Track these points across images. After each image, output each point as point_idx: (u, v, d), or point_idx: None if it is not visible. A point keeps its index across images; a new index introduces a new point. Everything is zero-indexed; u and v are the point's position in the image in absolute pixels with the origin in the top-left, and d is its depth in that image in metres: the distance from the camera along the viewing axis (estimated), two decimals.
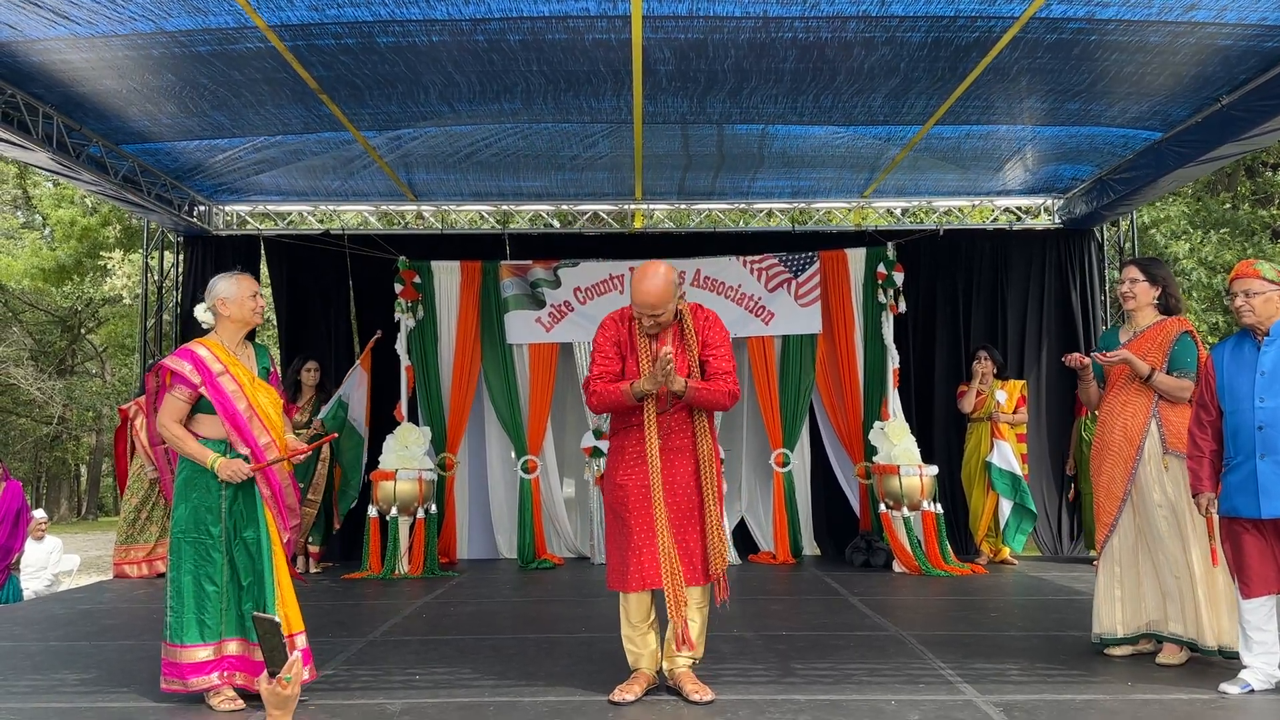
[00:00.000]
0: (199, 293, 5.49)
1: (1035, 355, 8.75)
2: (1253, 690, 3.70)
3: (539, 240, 9.01)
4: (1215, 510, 3.87)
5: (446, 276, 8.46)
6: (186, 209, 8.40)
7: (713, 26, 5.31)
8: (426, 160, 7.70)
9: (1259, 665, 3.74)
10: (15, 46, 5.48)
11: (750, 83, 6.09)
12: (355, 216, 9.83)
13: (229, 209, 8.95)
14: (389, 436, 7.73)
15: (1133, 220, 8.93)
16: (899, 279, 8.19)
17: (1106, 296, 8.84)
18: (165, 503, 7.00)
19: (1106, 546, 4.40)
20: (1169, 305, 4.43)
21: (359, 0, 4.99)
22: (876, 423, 7.83)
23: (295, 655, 2.81)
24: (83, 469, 27.81)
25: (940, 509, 7.43)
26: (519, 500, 8.19)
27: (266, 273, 9.20)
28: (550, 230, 9.38)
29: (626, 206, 9.01)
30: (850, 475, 8.42)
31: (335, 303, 8.97)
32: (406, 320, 8.24)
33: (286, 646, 2.87)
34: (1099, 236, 8.93)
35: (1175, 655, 4.20)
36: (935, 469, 7.51)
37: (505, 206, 9.23)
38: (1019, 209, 9.02)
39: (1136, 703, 3.63)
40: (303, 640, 3.80)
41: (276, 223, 9.16)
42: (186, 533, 3.79)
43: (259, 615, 2.90)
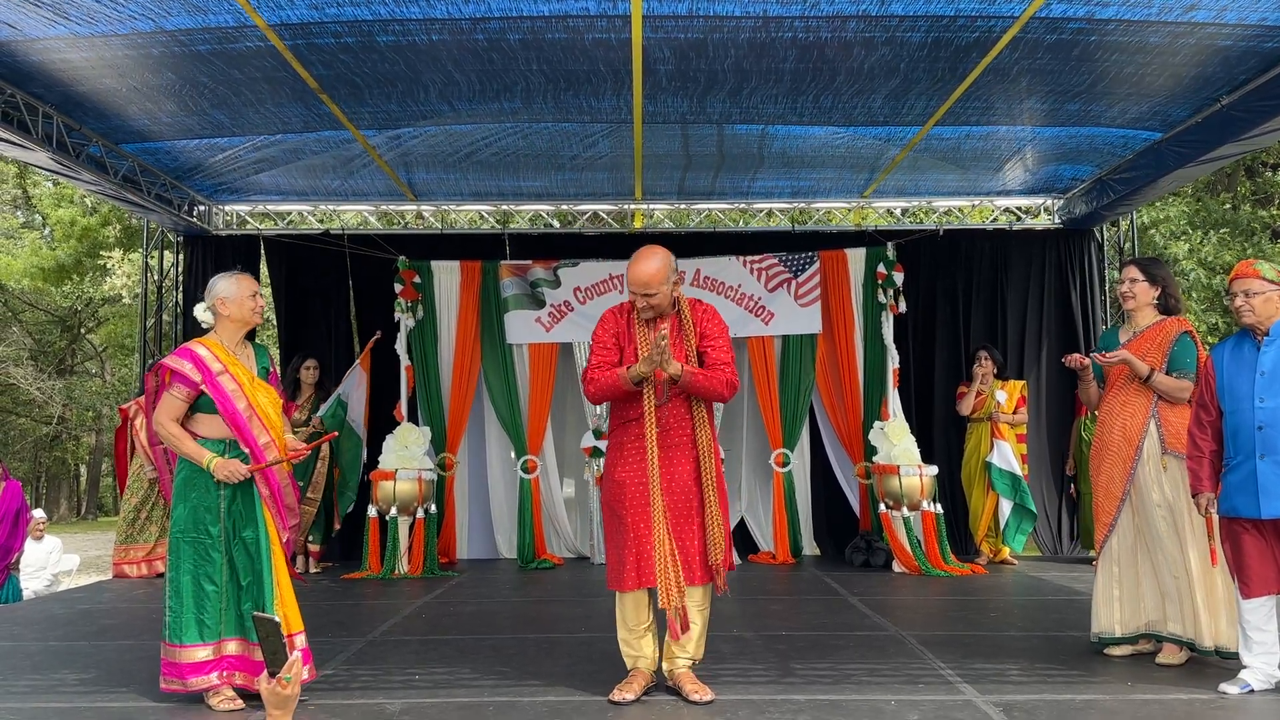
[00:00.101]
0: (199, 292, 5.49)
1: (1035, 355, 8.75)
2: (1252, 690, 3.70)
3: (539, 240, 9.00)
4: (1215, 510, 3.87)
5: (446, 276, 8.46)
6: (186, 209, 8.40)
7: (712, 26, 5.31)
8: (426, 160, 7.70)
9: (1259, 665, 3.74)
10: (15, 46, 5.47)
11: (750, 83, 6.09)
12: (355, 216, 9.83)
13: (229, 209, 8.95)
14: (389, 436, 7.73)
15: (1132, 220, 8.93)
16: (899, 279, 8.19)
17: (1106, 296, 8.84)
18: (165, 503, 7.00)
19: (1105, 546, 4.40)
20: (1168, 305, 4.43)
21: None
22: (876, 423, 7.82)
23: (295, 655, 2.81)
24: (82, 469, 27.81)
25: (940, 509, 7.43)
26: (519, 500, 8.19)
27: (266, 273, 9.19)
28: (550, 230, 9.38)
29: (626, 206, 9.01)
30: (850, 475, 8.42)
31: (335, 303, 8.96)
32: (406, 320, 8.23)
33: (286, 646, 2.86)
34: (1099, 236, 8.93)
35: (1175, 655, 4.20)
36: (935, 469, 7.51)
37: (505, 206, 9.22)
38: (1019, 209, 9.02)
39: (1136, 703, 3.63)
40: (302, 640, 3.80)
41: (276, 222, 9.16)
42: (185, 532, 3.78)
43: (259, 615, 2.90)
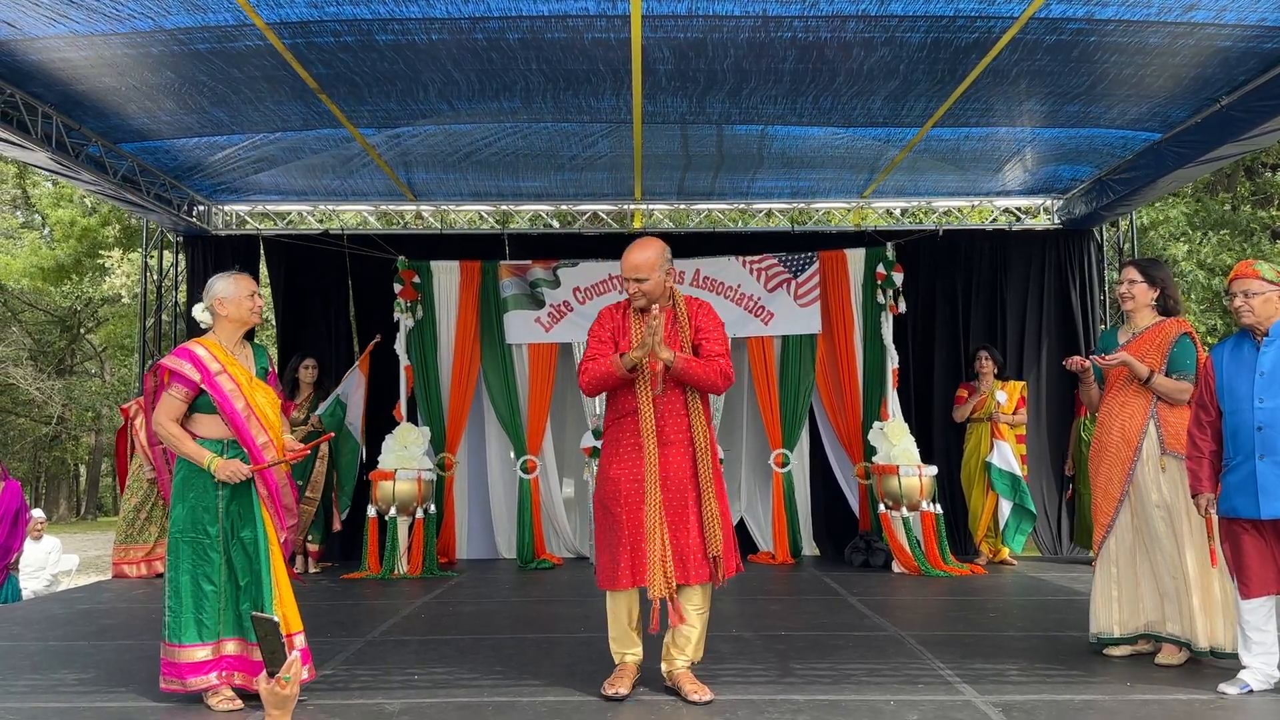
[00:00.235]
0: (198, 292, 5.50)
1: (1035, 355, 8.75)
2: (1251, 690, 3.69)
3: (538, 240, 9.00)
4: (1215, 511, 3.86)
5: (446, 276, 8.45)
6: (186, 209, 8.39)
7: (712, 26, 5.31)
8: (426, 160, 7.70)
9: (1258, 665, 3.74)
10: (14, 45, 5.47)
11: (750, 83, 6.09)
12: (355, 216, 9.83)
13: (228, 208, 8.95)
14: (388, 436, 7.72)
15: (1132, 221, 8.93)
16: (898, 279, 8.19)
17: (1106, 297, 8.84)
18: (165, 503, 6.99)
19: (1104, 547, 4.40)
20: (1168, 307, 4.43)
21: None
22: (876, 423, 7.82)
23: (294, 655, 2.80)
24: (82, 469, 27.81)
25: (939, 509, 7.43)
26: (518, 500, 8.19)
27: (266, 272, 9.19)
28: (550, 230, 9.37)
29: (626, 206, 9.01)
30: (850, 475, 8.42)
31: (334, 303, 8.96)
32: (406, 320, 8.23)
33: (285, 646, 2.86)
34: (1098, 237, 8.93)
35: (1174, 656, 4.20)
36: (934, 469, 7.51)
37: (505, 206, 9.23)
38: (1018, 209, 9.02)
39: (1135, 703, 3.63)
40: (301, 640, 3.80)
41: (276, 222, 9.15)
42: (184, 533, 3.78)
43: (257, 615, 2.89)
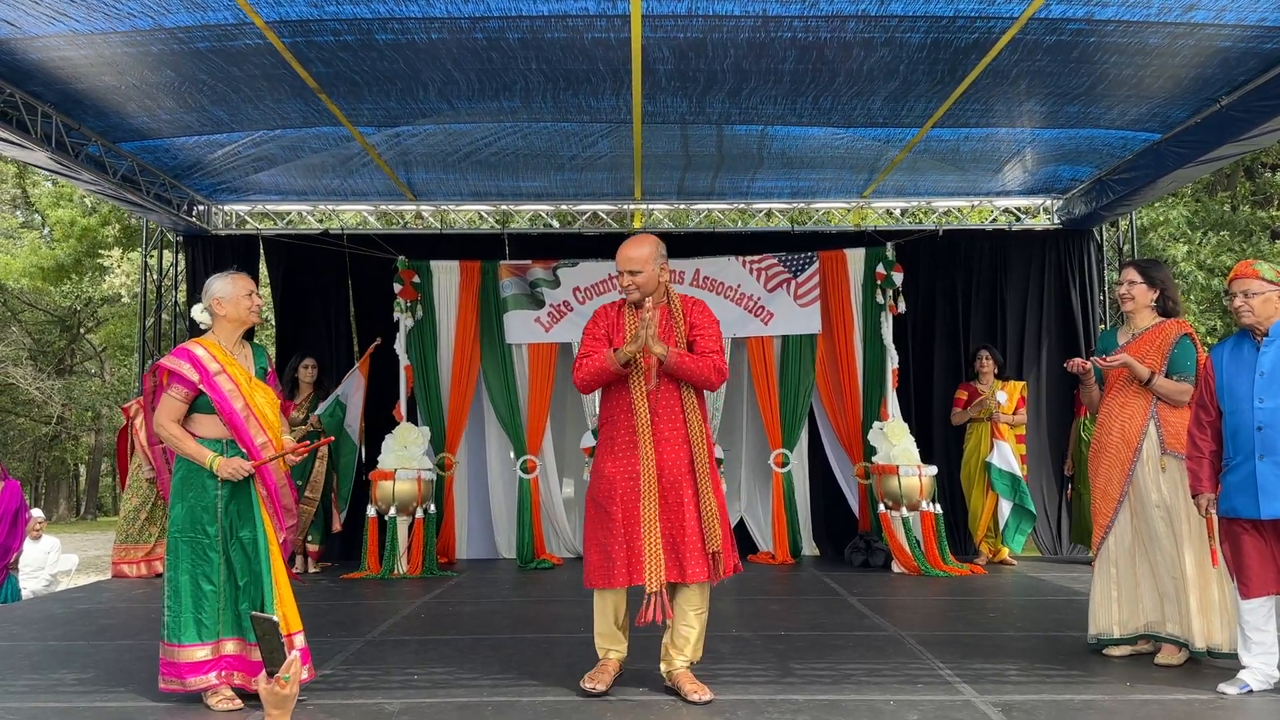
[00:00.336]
0: (198, 292, 5.49)
1: (1035, 355, 8.75)
2: (1251, 691, 3.69)
3: (538, 240, 9.00)
4: (1215, 511, 3.86)
5: (445, 276, 8.45)
6: (185, 208, 8.39)
7: (712, 25, 5.31)
8: (426, 159, 7.70)
9: (1258, 665, 3.74)
10: (14, 44, 5.47)
11: (749, 83, 6.09)
12: (354, 216, 9.83)
13: (228, 208, 8.95)
14: (388, 436, 7.72)
15: (1132, 221, 8.93)
16: (898, 279, 8.18)
17: (1106, 297, 8.84)
18: (165, 503, 7.00)
19: (1103, 547, 4.40)
20: (1167, 307, 4.43)
21: None
22: (876, 423, 7.82)
23: (293, 655, 2.80)
24: (82, 469, 27.81)
25: (939, 509, 7.43)
26: (518, 500, 8.19)
27: (266, 272, 9.19)
28: (550, 230, 9.37)
29: (626, 206, 9.01)
30: (849, 475, 8.41)
31: (334, 302, 8.96)
32: (405, 320, 8.22)
33: (285, 646, 2.86)
34: (1098, 237, 8.93)
35: (1174, 656, 4.20)
36: (934, 469, 7.51)
37: (504, 206, 9.23)
38: (1018, 209, 9.02)
39: (1135, 703, 3.63)
40: (301, 640, 3.80)
41: (275, 222, 9.15)
42: (183, 532, 3.78)
43: (257, 615, 2.89)
